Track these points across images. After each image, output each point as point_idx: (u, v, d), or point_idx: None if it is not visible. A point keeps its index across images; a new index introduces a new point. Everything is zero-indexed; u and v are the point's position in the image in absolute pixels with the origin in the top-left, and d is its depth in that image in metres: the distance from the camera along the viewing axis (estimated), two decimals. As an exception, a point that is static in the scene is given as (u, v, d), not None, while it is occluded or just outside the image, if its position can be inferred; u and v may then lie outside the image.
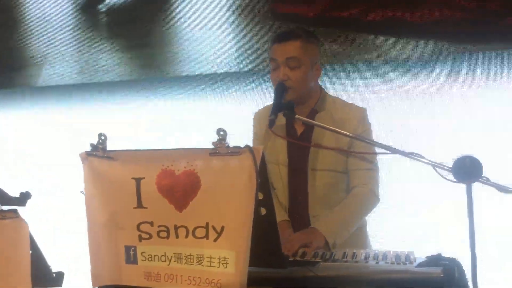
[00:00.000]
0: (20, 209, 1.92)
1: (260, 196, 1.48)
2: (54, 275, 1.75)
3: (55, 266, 1.76)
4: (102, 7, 3.73)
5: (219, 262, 1.47)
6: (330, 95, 2.37)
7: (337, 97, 2.43)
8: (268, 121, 2.07)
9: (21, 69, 3.95)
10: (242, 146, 1.45)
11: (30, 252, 1.54)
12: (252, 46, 3.39)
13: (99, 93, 3.79)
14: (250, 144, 2.40)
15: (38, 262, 1.60)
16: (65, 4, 3.77)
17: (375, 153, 2.23)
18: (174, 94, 3.66)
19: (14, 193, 2.41)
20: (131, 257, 1.60)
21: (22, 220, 1.42)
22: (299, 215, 2.30)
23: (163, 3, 3.59)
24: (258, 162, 1.42)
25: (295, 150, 2.29)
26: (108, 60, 3.72)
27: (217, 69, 3.50)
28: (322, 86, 2.38)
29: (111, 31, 3.73)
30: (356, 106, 2.34)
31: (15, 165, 3.92)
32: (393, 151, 1.95)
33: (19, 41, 3.93)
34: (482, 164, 1.71)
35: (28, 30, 3.89)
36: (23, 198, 2.55)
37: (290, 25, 3.17)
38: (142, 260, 1.59)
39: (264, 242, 1.53)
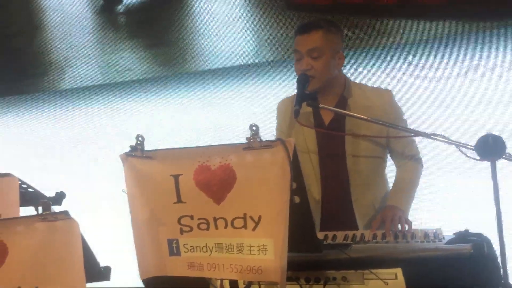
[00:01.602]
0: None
1: (294, 186, 1.55)
2: (103, 269, 1.85)
3: (102, 261, 1.87)
4: (120, 8, 3.81)
5: (259, 250, 1.55)
6: (354, 82, 2.43)
7: (361, 83, 2.50)
8: (292, 111, 2.15)
9: (45, 73, 4.05)
10: (273, 139, 1.52)
11: (81, 250, 1.62)
12: (269, 37, 3.44)
13: (122, 92, 3.88)
14: (274, 133, 2.53)
15: (88, 258, 1.70)
16: (84, 8, 3.84)
17: (400, 137, 2.30)
18: (195, 88, 3.73)
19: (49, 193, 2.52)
20: (174, 249, 1.68)
21: (73, 220, 1.50)
22: (337, 200, 2.39)
23: (179, 1, 3.65)
24: (291, 154, 1.48)
25: (325, 137, 2.36)
26: (129, 60, 3.80)
27: (236, 62, 3.56)
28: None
29: (130, 31, 3.80)
30: (382, 89, 2.41)
31: (45, 167, 4.04)
32: (417, 133, 2.01)
33: (41, 47, 4.03)
34: (505, 141, 1.76)
35: (50, 35, 3.98)
36: (59, 197, 2.66)
37: (305, 14, 3.21)
38: (184, 251, 1.67)
39: (300, 228, 1.60)
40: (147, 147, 1.67)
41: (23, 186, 2.52)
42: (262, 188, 1.54)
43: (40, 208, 2.22)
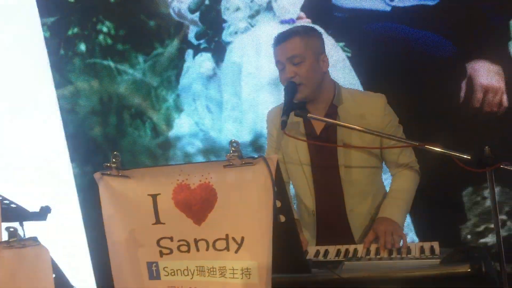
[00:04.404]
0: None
1: (278, 204, 1.47)
2: (79, 294, 1.76)
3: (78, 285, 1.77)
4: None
5: (242, 273, 1.47)
6: (345, 88, 2.34)
7: (352, 89, 2.41)
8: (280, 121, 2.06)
9: None
10: (256, 156, 1.44)
11: (54, 275, 1.54)
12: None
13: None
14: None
15: (61, 284, 1.61)
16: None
17: (393, 147, 2.21)
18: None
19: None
20: (153, 273, 1.60)
21: (42, 246, 1.41)
22: (332, 211, 2.30)
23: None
24: (273, 171, 1.40)
25: (317, 147, 2.27)
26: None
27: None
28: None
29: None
30: (374, 94, 2.31)
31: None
32: (410, 142, 1.94)
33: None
34: (501, 151, 1.69)
35: None
36: (43, 212, 2.57)
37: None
38: (165, 275, 1.59)
39: (286, 249, 1.53)
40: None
41: (5, 202, 2.44)
42: (245, 207, 1.46)
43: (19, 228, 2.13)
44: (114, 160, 1.57)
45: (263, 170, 1.40)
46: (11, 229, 1.39)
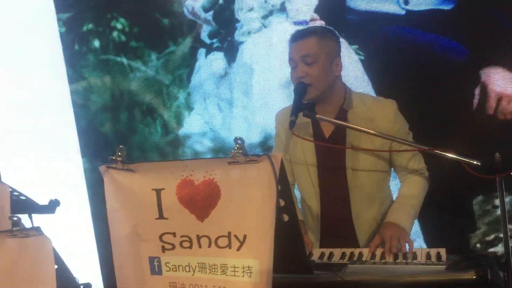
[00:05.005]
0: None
1: (282, 203, 1.46)
2: (82, 287, 1.76)
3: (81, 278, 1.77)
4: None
5: (243, 271, 1.45)
6: (356, 92, 2.32)
7: (364, 93, 2.39)
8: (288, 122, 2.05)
9: None
10: (261, 154, 1.43)
11: (56, 267, 1.54)
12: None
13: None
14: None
15: (64, 276, 1.61)
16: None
17: (402, 151, 2.19)
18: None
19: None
20: (155, 268, 1.59)
21: (45, 236, 1.41)
22: (337, 216, 2.28)
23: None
24: (277, 170, 1.38)
25: (325, 150, 2.25)
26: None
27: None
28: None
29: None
30: (385, 100, 2.29)
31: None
32: (420, 147, 1.92)
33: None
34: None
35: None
36: (52, 205, 2.58)
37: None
38: (166, 270, 1.58)
39: (289, 248, 1.51)
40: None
41: (15, 193, 2.45)
42: (248, 205, 1.44)
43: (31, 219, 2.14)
44: (119, 153, 1.56)
45: (267, 168, 1.39)
46: (15, 218, 1.39)
